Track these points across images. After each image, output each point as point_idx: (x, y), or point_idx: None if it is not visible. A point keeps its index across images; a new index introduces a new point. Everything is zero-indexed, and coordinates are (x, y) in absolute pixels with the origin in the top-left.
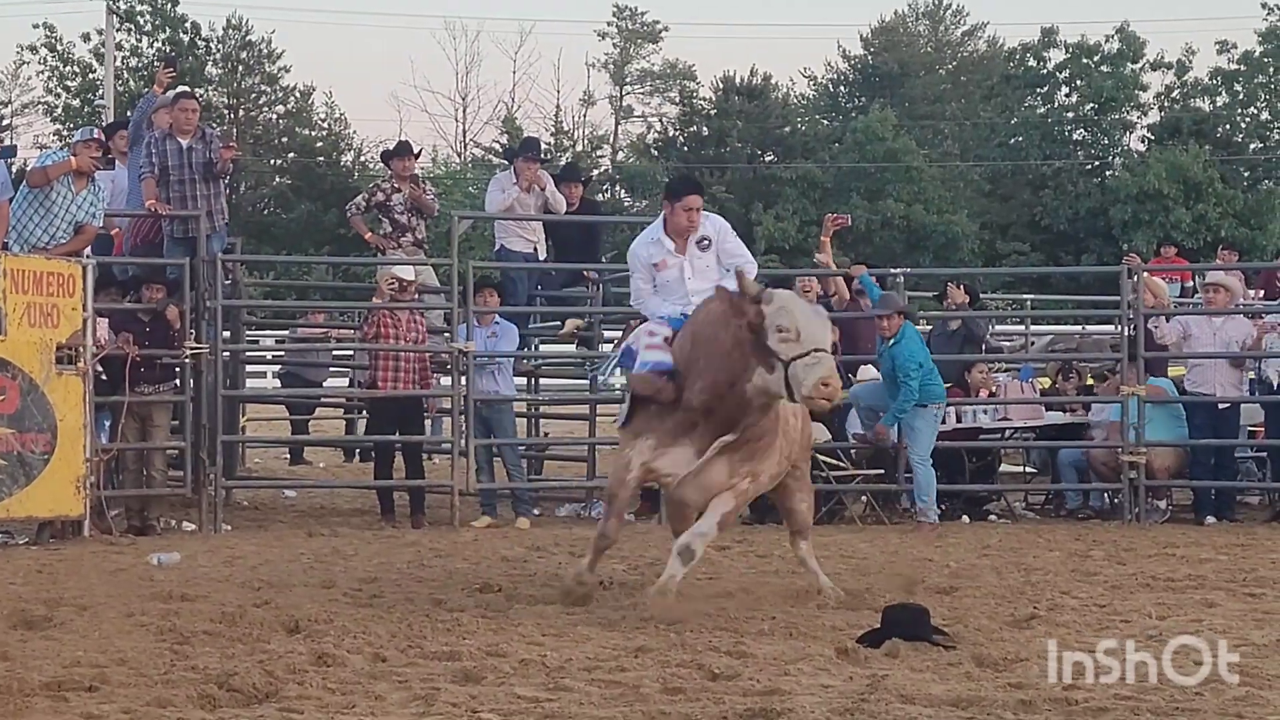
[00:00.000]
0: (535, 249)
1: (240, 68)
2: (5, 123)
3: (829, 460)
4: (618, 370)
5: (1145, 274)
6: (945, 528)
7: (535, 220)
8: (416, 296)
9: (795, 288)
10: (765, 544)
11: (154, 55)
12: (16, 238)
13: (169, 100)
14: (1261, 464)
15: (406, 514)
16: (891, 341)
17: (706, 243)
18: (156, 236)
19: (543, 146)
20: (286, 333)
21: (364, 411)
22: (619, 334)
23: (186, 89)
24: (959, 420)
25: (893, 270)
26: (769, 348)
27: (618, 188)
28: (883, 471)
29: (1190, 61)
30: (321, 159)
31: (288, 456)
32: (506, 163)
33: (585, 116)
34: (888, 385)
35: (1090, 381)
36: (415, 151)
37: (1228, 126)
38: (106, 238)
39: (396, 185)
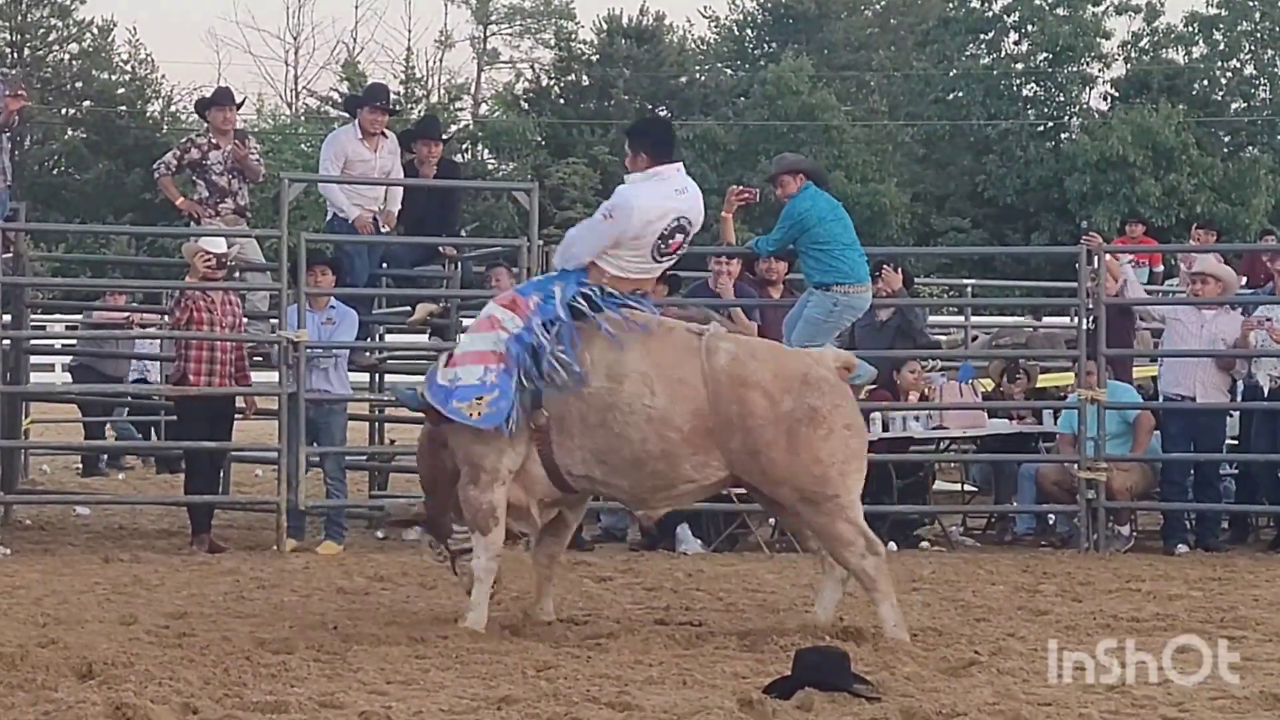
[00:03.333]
0: (377, 219)
1: None
2: None
3: None
4: None
5: (1108, 256)
6: None
7: (383, 185)
8: (237, 275)
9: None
10: (654, 575)
11: None
12: None
13: None
14: (1239, 483)
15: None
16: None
17: None
18: None
19: (392, 96)
20: (80, 317)
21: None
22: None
23: None
24: (885, 428)
25: None
26: None
27: (480, 147)
28: None
29: (1162, 5)
30: (123, 108)
31: (80, 466)
32: (348, 115)
33: (441, 62)
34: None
35: (1043, 384)
36: (237, 101)
37: (1205, 82)
38: None
39: (214, 141)
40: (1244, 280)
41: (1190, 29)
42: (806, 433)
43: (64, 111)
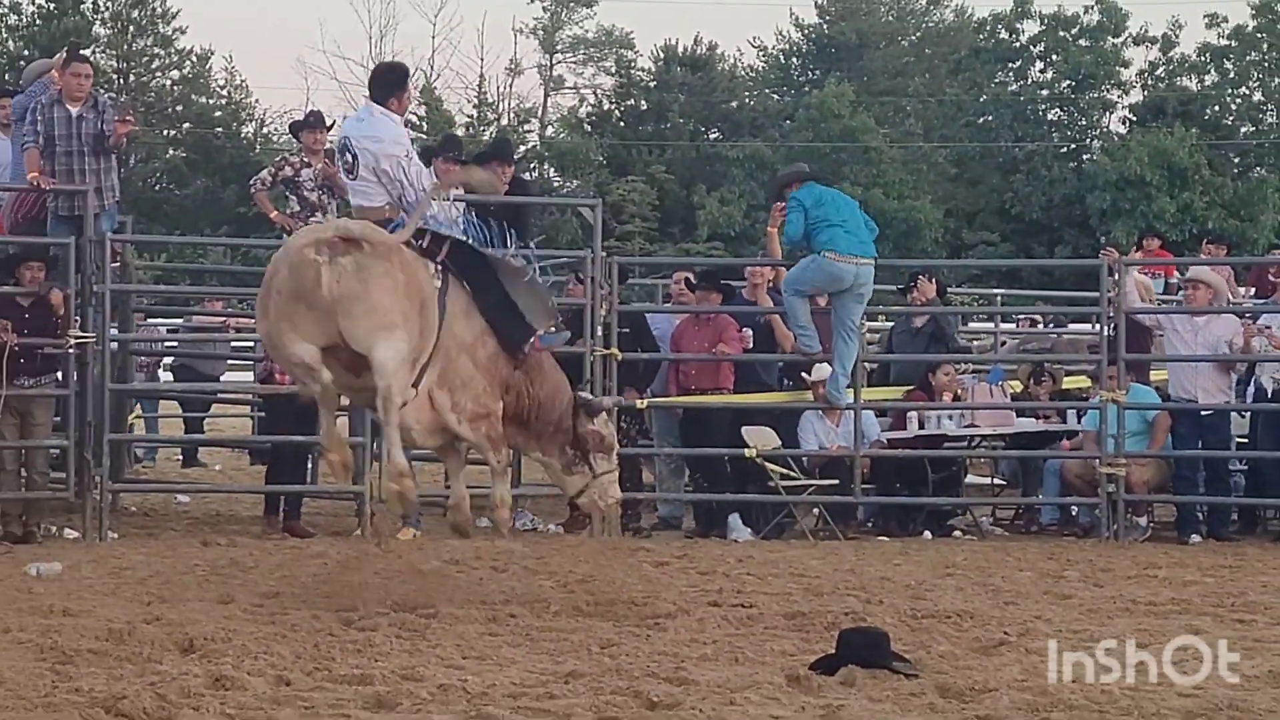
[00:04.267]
0: None
1: (131, 28)
2: None
3: (779, 469)
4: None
5: (1135, 272)
6: (906, 544)
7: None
8: None
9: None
10: (708, 560)
11: (34, 14)
12: None
13: (58, 63)
14: (1248, 478)
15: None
16: None
17: None
18: (40, 213)
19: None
20: (180, 321)
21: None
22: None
23: (82, 52)
24: (922, 426)
25: None
26: (587, 456)
27: (547, 165)
28: (837, 482)
29: (1177, 36)
30: (220, 130)
31: (180, 458)
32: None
33: (511, 87)
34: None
35: (1068, 385)
36: (328, 123)
37: (1217, 108)
38: None
39: (306, 160)
40: (1252, 291)
41: (1203, 59)
42: None
43: (166, 133)
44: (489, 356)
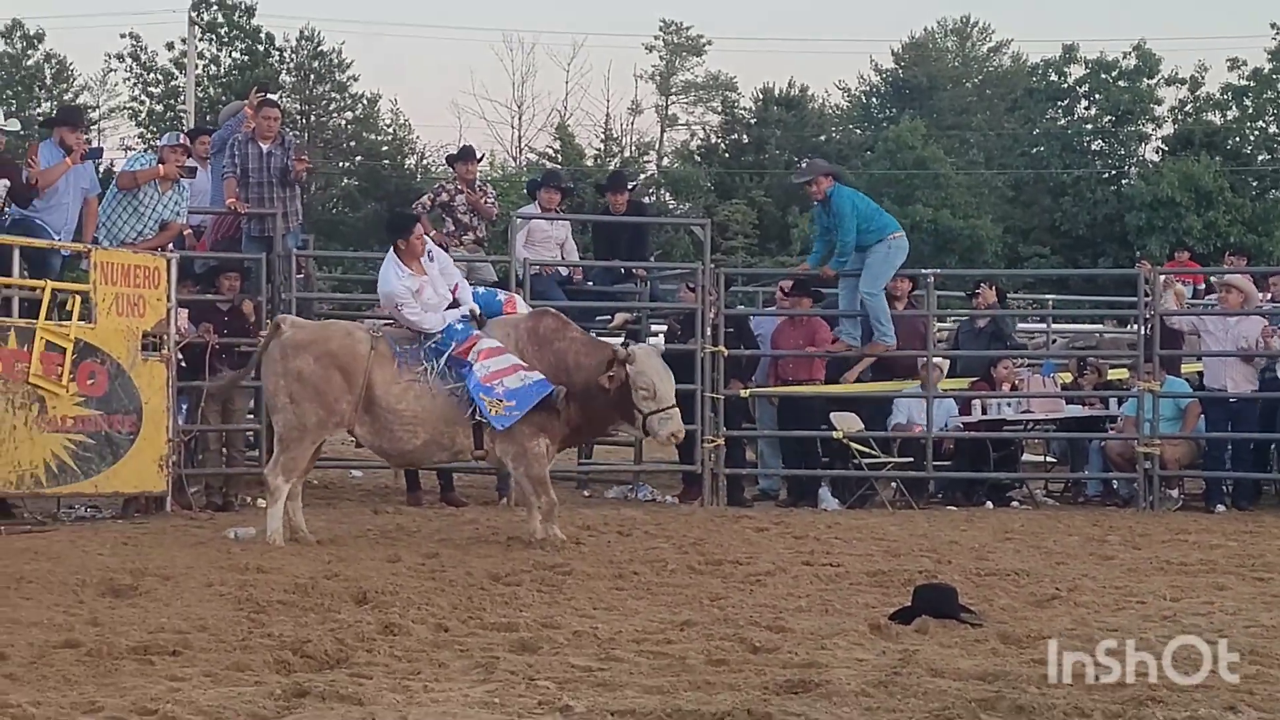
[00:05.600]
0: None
1: (312, 76)
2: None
3: (862, 448)
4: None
5: (1174, 281)
6: (971, 513)
7: (563, 250)
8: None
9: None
10: (801, 526)
11: (231, 64)
12: (106, 234)
13: (254, 103)
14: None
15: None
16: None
17: (430, 256)
18: (235, 233)
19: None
20: None
21: None
22: (663, 327)
23: (271, 97)
24: (984, 412)
25: (923, 271)
26: (632, 403)
27: (663, 191)
28: (913, 459)
29: (1203, 77)
30: (386, 162)
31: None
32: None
33: (633, 124)
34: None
35: (1110, 377)
36: (478, 157)
37: (1238, 139)
38: (182, 235)
39: (459, 188)
40: (1268, 296)
41: (1226, 96)
42: None
43: (340, 164)
44: None
